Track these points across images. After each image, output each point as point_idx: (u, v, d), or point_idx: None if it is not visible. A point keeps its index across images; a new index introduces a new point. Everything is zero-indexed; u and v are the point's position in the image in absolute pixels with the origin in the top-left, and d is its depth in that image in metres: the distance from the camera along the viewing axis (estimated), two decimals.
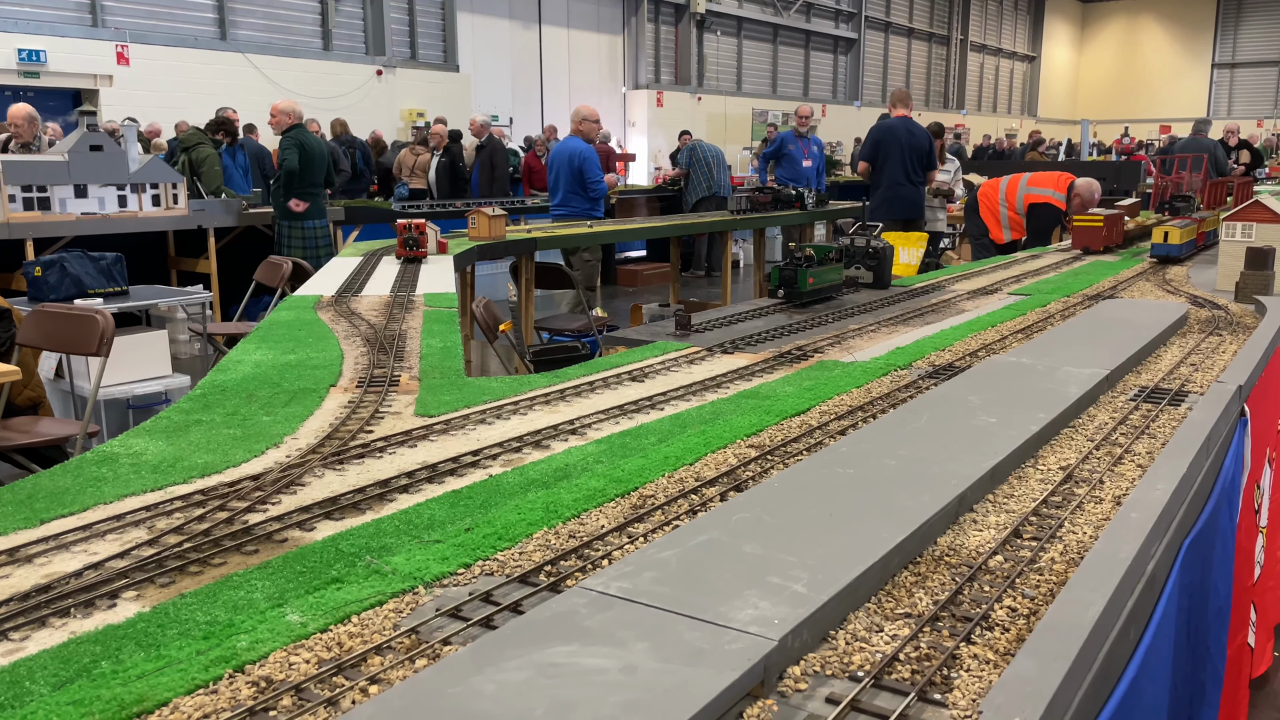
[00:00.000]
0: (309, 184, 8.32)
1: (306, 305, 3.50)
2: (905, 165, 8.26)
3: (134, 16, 15.72)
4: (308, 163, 8.24)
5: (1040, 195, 6.51)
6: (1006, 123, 34.19)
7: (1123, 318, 2.93)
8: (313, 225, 8.43)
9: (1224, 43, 41.42)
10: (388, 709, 0.92)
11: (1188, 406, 2.08)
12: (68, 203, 7.30)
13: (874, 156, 8.40)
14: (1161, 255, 4.58)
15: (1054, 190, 6.49)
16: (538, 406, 2.11)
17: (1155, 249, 4.60)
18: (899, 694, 1.03)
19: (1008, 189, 6.71)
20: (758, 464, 1.72)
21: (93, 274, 6.08)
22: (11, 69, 14.23)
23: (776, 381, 2.34)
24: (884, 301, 3.50)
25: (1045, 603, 1.22)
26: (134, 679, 1.03)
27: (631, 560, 1.24)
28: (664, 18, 25.25)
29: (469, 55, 20.80)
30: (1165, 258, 4.58)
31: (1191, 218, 5.01)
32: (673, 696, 0.94)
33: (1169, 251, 4.55)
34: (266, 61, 16.89)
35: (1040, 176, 6.77)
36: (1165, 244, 4.56)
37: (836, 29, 30.91)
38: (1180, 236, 4.55)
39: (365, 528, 1.45)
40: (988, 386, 2.11)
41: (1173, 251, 4.54)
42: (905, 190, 8.34)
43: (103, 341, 4.30)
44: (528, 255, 7.16)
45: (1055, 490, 1.60)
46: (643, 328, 3.09)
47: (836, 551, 1.26)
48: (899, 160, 8.31)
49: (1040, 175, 6.82)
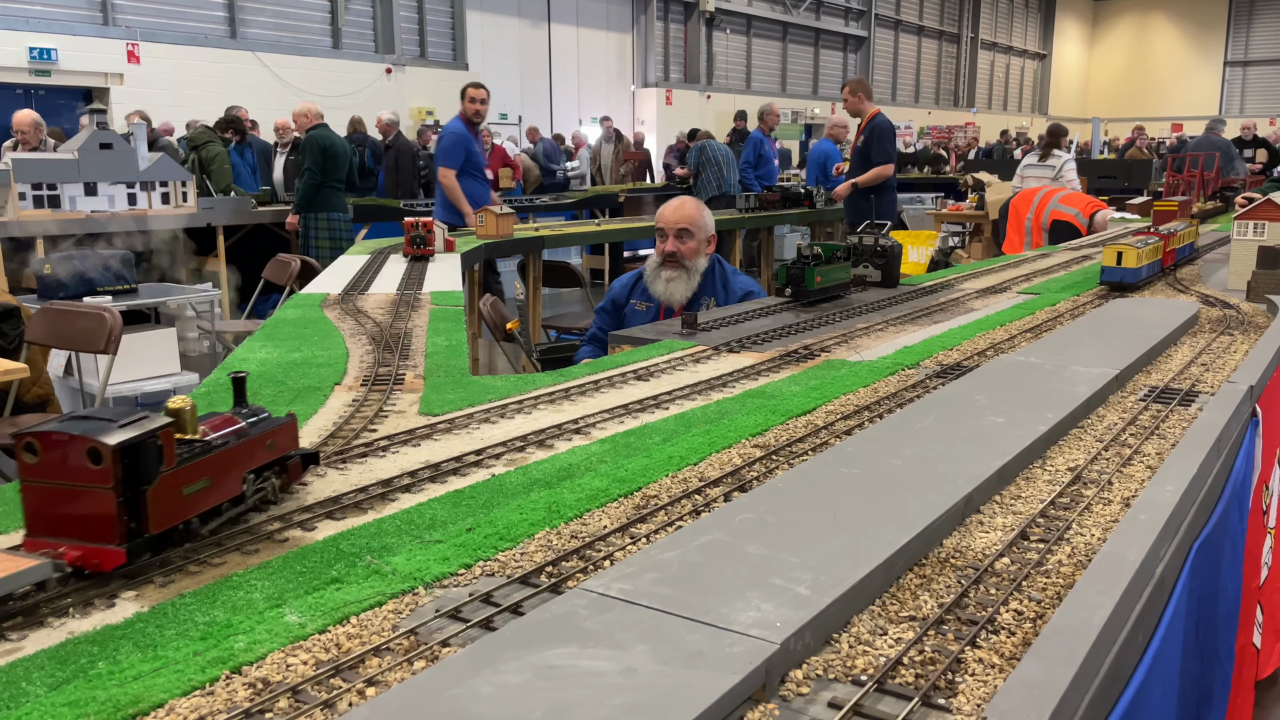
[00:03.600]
0: (333, 180, 8.38)
1: (313, 303, 3.49)
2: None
3: (144, 15, 15.77)
4: (332, 160, 8.31)
5: (1066, 214, 6.53)
6: (1017, 121, 34.05)
7: (1133, 317, 2.90)
8: (338, 218, 8.53)
9: (1236, 40, 41.22)
10: (384, 711, 0.91)
11: (1198, 407, 2.06)
12: (77, 200, 7.32)
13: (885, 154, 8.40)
14: (1113, 282, 3.58)
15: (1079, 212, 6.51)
16: (542, 405, 2.10)
17: (1106, 274, 3.59)
18: (903, 698, 1.01)
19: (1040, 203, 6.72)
20: (762, 464, 1.71)
21: (101, 272, 6.09)
22: (23, 67, 14.30)
23: (782, 381, 2.33)
24: (892, 300, 3.48)
25: (1052, 606, 1.20)
26: (130, 680, 1.02)
27: (633, 561, 1.22)
28: (673, 16, 25.24)
29: (478, 53, 20.83)
30: (1118, 285, 3.58)
31: (1156, 232, 4.01)
32: (673, 699, 0.92)
33: (1122, 277, 3.55)
34: (276, 60, 16.95)
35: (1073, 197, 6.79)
36: (1118, 267, 3.56)
37: (846, 27, 30.86)
38: (1137, 259, 3.56)
39: (366, 527, 1.44)
40: (995, 386, 2.09)
41: (1127, 277, 3.54)
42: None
43: (111, 339, 4.31)
44: (535, 253, 7.16)
45: (1063, 491, 1.58)
46: (649, 326, 3.08)
47: (841, 553, 1.25)
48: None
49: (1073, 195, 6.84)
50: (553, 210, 11.48)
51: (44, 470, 1.23)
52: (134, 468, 1.23)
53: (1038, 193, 6.89)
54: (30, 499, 1.24)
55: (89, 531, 1.23)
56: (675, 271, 3.71)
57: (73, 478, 1.22)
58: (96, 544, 1.22)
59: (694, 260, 3.75)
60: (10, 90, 14.10)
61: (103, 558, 1.22)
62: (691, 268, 3.74)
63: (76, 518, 1.23)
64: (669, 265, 3.72)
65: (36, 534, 1.24)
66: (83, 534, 1.23)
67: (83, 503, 1.22)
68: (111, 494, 1.21)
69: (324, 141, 8.30)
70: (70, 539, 1.23)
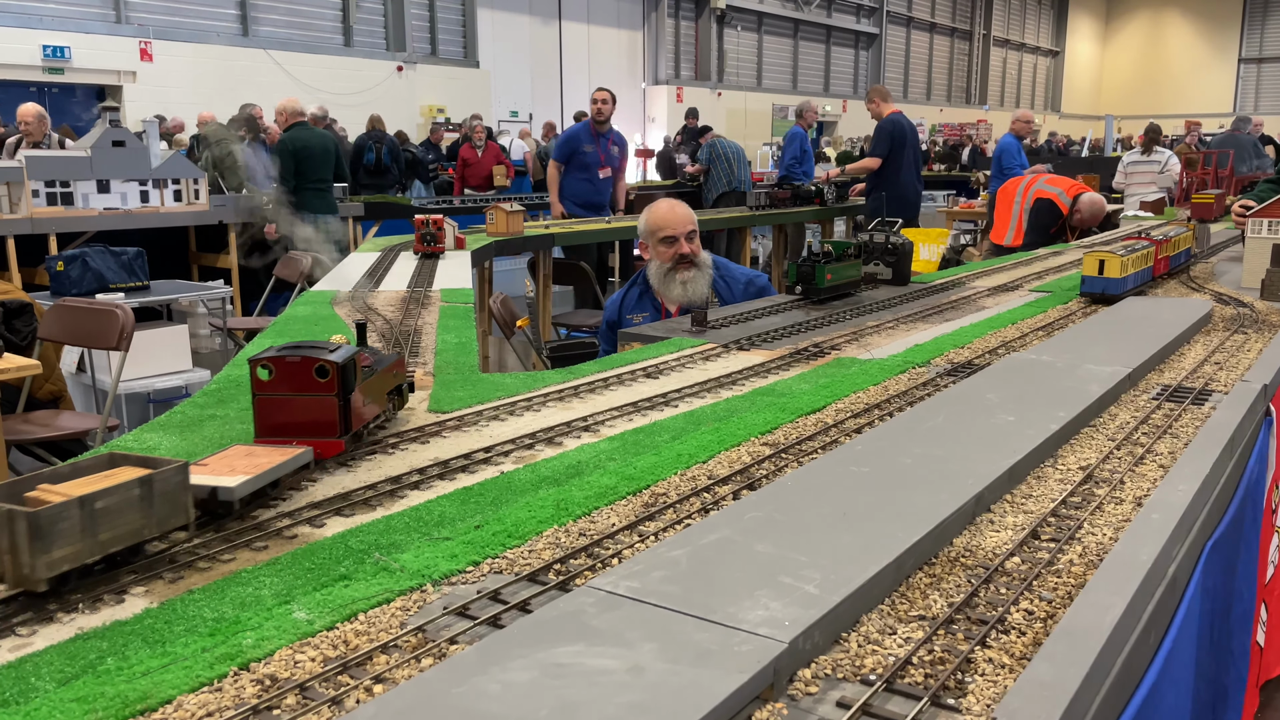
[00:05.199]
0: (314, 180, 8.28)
1: (323, 300, 3.50)
2: (917, 164, 8.31)
3: (157, 13, 15.84)
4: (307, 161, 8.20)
5: (1048, 192, 6.45)
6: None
7: (1145, 315, 2.89)
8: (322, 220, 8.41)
9: (1251, 37, 40.95)
10: (391, 709, 0.91)
11: (1211, 406, 2.04)
12: (90, 198, 7.35)
13: (888, 153, 8.40)
14: (1094, 294, 3.24)
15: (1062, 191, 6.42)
16: (551, 403, 2.10)
17: (1087, 284, 3.24)
18: (912, 698, 1.01)
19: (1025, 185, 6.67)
20: (772, 462, 1.70)
21: (114, 269, 6.12)
22: (36, 65, 14.38)
23: (792, 378, 2.32)
24: (903, 298, 3.46)
25: (1063, 606, 1.20)
26: (139, 676, 1.03)
27: (641, 559, 1.22)
28: (684, 13, 25.22)
29: (489, 51, 20.85)
30: (1099, 297, 3.23)
31: (1146, 237, 3.63)
32: (680, 698, 0.92)
33: (1105, 288, 3.20)
34: (288, 58, 17.00)
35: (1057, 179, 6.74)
36: (1099, 277, 3.20)
37: (858, 24, 30.77)
38: (1121, 267, 3.18)
39: (375, 524, 1.44)
40: (1007, 384, 2.08)
41: (1110, 288, 3.18)
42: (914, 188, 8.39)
43: (123, 336, 4.33)
44: (545, 251, 7.16)
45: (1075, 491, 1.57)
46: (658, 323, 3.07)
47: (850, 551, 1.24)
48: (911, 159, 8.32)
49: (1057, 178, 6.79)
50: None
51: (276, 385, 1.60)
52: (345, 381, 1.61)
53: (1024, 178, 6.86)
54: (262, 408, 1.61)
55: (314, 430, 1.60)
56: (690, 271, 3.72)
57: (302, 389, 1.59)
58: (321, 439, 1.59)
59: (701, 256, 3.78)
60: (24, 88, 14.18)
61: (328, 448, 1.60)
62: (702, 264, 3.76)
63: (302, 421, 1.60)
64: (683, 267, 3.72)
65: (265, 436, 1.60)
66: (307, 433, 1.59)
67: (309, 408, 1.60)
68: (335, 400, 1.60)
69: (294, 145, 8.17)
70: (295, 437, 1.58)
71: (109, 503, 1.18)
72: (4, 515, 1.11)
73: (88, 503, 1.16)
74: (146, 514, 1.23)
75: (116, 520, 1.20)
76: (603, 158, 8.44)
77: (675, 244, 3.74)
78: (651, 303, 3.83)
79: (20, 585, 1.15)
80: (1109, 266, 3.18)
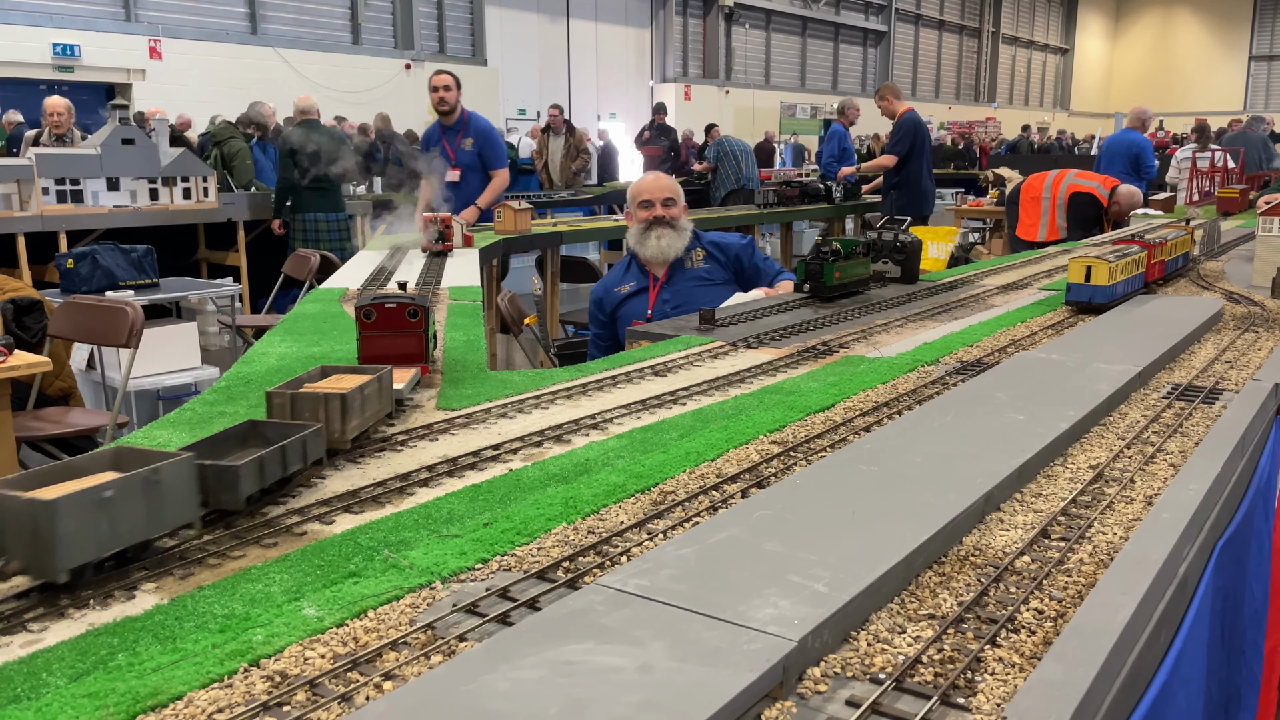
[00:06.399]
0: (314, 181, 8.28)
1: (332, 298, 3.51)
2: (929, 162, 8.31)
3: (166, 11, 15.89)
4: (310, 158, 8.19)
5: (1085, 186, 6.47)
6: (1038, 116, 33.81)
7: (1156, 313, 2.87)
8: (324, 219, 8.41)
9: (1261, 34, 40.74)
10: (401, 706, 0.91)
11: (1222, 404, 2.03)
12: (100, 195, 7.38)
13: (908, 150, 8.39)
14: (1080, 302, 3.02)
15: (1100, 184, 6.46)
16: (559, 400, 2.10)
17: (1073, 292, 3.02)
18: (922, 697, 1.00)
19: (1053, 181, 6.66)
20: (780, 460, 1.70)
21: (124, 266, 6.14)
22: (46, 63, 14.43)
23: (801, 377, 2.31)
24: (912, 296, 3.45)
25: (1073, 605, 1.19)
26: (149, 672, 1.03)
27: (650, 557, 1.22)
28: (692, 11, 25.19)
29: (497, 49, 20.86)
30: (1086, 305, 3.02)
31: (1141, 241, 3.41)
32: (689, 696, 0.92)
33: (1091, 296, 2.98)
34: (296, 56, 17.03)
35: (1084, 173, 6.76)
36: (1086, 284, 2.99)
37: (866, 21, 30.69)
38: (1109, 274, 2.96)
39: (384, 521, 1.44)
40: (1016, 383, 2.07)
41: (1097, 296, 2.97)
42: (929, 185, 8.36)
43: (133, 333, 4.34)
44: (553, 248, 7.16)
45: (1085, 489, 1.56)
46: (666, 321, 3.07)
47: (859, 550, 1.24)
48: (927, 157, 8.32)
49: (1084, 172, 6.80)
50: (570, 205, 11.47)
51: (377, 325, 2.14)
52: (424, 320, 2.16)
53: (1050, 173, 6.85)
54: (366, 343, 2.14)
55: (405, 359, 2.12)
56: (664, 229, 3.83)
57: (398, 327, 2.14)
58: (412, 365, 2.11)
59: (680, 221, 3.88)
60: (34, 86, 14.23)
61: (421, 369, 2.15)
62: (680, 227, 3.86)
63: (395, 352, 2.14)
64: (658, 226, 3.83)
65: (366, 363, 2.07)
66: (399, 361, 2.09)
67: (401, 341, 2.15)
68: (422, 335, 2.16)
69: (292, 143, 8.21)
70: (389, 364, 1.96)
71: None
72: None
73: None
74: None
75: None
76: (452, 157, 6.95)
77: (651, 207, 3.86)
78: (639, 271, 3.91)
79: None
80: (1096, 273, 2.96)
